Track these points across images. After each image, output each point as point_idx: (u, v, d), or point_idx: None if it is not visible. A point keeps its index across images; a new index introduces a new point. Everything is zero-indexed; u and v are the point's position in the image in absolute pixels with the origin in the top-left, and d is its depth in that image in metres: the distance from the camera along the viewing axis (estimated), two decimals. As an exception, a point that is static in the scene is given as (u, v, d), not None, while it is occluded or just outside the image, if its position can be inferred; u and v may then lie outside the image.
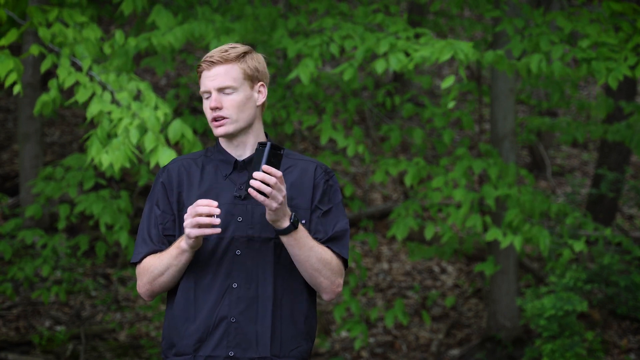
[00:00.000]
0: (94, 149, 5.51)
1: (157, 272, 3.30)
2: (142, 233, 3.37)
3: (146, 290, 3.36)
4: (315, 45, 6.75)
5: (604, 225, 9.31)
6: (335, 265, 3.33)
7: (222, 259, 3.30)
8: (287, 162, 3.39)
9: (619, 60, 6.62)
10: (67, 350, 8.23)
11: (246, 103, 3.35)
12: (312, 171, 3.38)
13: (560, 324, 7.36)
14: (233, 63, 3.33)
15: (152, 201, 3.39)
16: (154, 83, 12.42)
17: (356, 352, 9.01)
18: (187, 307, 3.32)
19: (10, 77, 5.51)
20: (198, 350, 3.30)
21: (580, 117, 12.36)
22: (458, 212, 7.29)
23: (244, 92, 3.34)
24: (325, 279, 3.31)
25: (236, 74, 3.33)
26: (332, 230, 3.35)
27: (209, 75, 3.33)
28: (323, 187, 3.38)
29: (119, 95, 5.68)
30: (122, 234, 6.98)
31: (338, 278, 3.34)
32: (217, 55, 3.33)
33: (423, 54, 6.28)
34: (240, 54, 3.34)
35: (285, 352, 3.33)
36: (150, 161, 5.45)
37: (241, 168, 3.36)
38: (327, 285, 3.32)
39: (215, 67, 3.33)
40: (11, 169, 10.60)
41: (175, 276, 3.30)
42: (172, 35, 6.36)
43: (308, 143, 11.69)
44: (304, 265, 3.27)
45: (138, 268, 3.36)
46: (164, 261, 3.28)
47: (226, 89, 3.33)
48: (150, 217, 3.37)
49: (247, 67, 3.34)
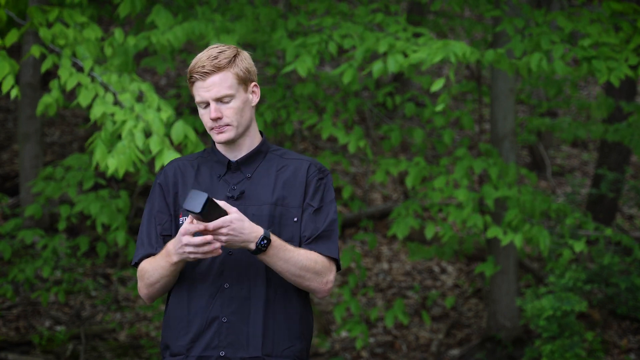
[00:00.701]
0: (98, 152, 5.50)
1: (153, 279, 3.33)
2: (141, 235, 3.41)
3: (145, 294, 3.40)
4: (314, 43, 6.74)
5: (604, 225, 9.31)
6: (321, 266, 3.33)
7: (215, 259, 3.31)
8: (281, 162, 3.40)
9: (620, 60, 6.62)
10: (67, 350, 8.23)
11: (244, 107, 3.37)
12: (304, 169, 3.39)
13: (560, 324, 7.36)
14: (226, 70, 3.32)
15: (151, 203, 3.42)
16: (154, 83, 12.41)
17: (356, 352, 9.00)
18: (180, 308, 3.35)
19: (7, 81, 5.50)
20: (190, 350, 3.32)
21: (580, 117, 12.36)
22: (460, 212, 7.28)
23: (241, 97, 3.35)
24: (311, 281, 3.32)
25: (231, 81, 3.33)
26: (320, 229, 3.36)
27: (203, 85, 3.32)
28: (315, 184, 3.39)
29: (122, 96, 5.68)
30: (120, 234, 6.98)
31: (326, 277, 3.34)
32: (208, 65, 3.31)
33: (420, 56, 6.27)
34: (231, 59, 3.34)
35: (277, 351, 3.33)
36: (156, 164, 5.44)
37: (235, 169, 3.38)
38: (315, 286, 3.34)
39: (209, 77, 3.32)
40: (11, 169, 10.60)
41: (171, 282, 3.34)
42: (172, 33, 6.35)
43: (308, 143, 11.68)
44: (284, 275, 3.29)
45: (138, 271, 3.40)
46: (157, 271, 3.31)
47: (224, 98, 3.33)
48: (150, 219, 3.40)
49: (240, 70, 3.35)
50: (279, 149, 3.46)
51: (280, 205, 3.33)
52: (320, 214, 3.37)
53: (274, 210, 3.33)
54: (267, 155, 3.42)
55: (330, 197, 3.41)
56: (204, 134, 8.97)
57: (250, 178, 3.37)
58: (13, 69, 5.53)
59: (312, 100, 8.30)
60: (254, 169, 3.38)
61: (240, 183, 3.36)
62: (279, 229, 3.33)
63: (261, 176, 3.37)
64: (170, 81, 12.73)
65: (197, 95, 3.34)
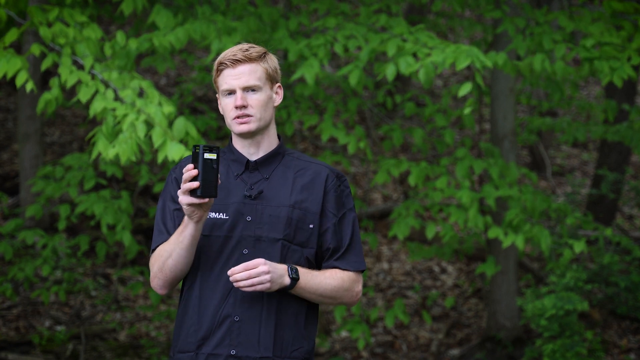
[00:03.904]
0: (100, 145, 5.49)
1: (166, 254, 3.29)
2: (158, 225, 3.38)
3: (158, 280, 3.33)
4: (320, 45, 6.70)
5: (604, 226, 9.31)
6: (349, 282, 3.38)
7: (229, 257, 3.30)
8: (299, 165, 3.40)
9: (622, 60, 6.61)
10: (67, 350, 8.23)
11: (268, 102, 3.36)
12: (324, 176, 3.39)
13: (561, 324, 7.36)
14: (256, 62, 3.34)
15: (166, 197, 3.40)
16: (154, 82, 12.41)
17: (356, 352, 9.00)
18: (192, 305, 3.33)
19: (20, 76, 5.51)
20: (200, 348, 3.31)
21: (580, 117, 12.36)
22: (462, 213, 7.26)
23: (266, 92, 3.36)
24: (343, 299, 3.38)
25: (260, 74, 3.34)
26: (345, 243, 3.38)
27: (233, 73, 3.32)
28: (335, 192, 3.39)
29: (122, 92, 5.67)
30: (125, 234, 6.97)
31: (355, 289, 3.40)
32: (240, 54, 3.32)
33: (434, 60, 6.19)
34: (262, 54, 3.36)
35: (287, 352, 3.33)
36: (159, 156, 5.43)
37: (252, 168, 3.37)
38: (347, 300, 3.40)
39: (240, 66, 3.32)
40: (11, 169, 10.59)
41: (183, 256, 3.28)
42: (173, 35, 6.34)
43: (308, 143, 11.68)
44: (320, 301, 3.35)
45: (151, 258, 3.36)
46: (171, 242, 3.27)
47: (251, 88, 3.33)
48: (165, 211, 3.38)
49: (269, 66, 3.36)
50: (294, 152, 3.46)
51: (298, 209, 3.33)
52: (342, 225, 3.38)
53: (292, 212, 3.33)
54: (284, 157, 3.41)
55: (350, 205, 3.41)
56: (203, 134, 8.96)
57: (268, 179, 3.36)
58: (24, 64, 5.54)
59: (312, 100, 8.29)
60: (271, 170, 3.37)
61: (258, 183, 3.35)
62: (294, 232, 3.33)
63: (278, 178, 3.36)
64: (170, 81, 12.73)
65: (224, 83, 3.33)
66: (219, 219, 3.31)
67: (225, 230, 3.31)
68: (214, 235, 3.31)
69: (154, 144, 5.45)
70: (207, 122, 7.87)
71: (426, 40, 6.48)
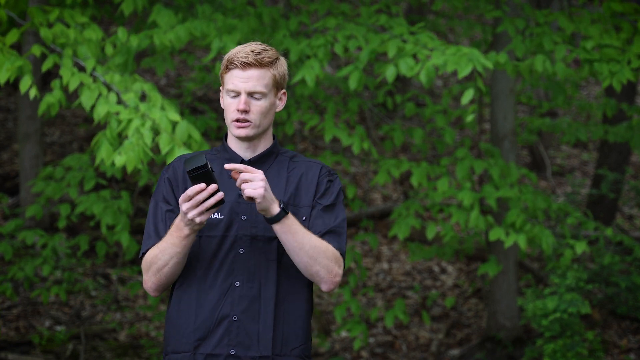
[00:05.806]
0: (103, 150, 5.49)
1: (162, 262, 3.28)
2: (149, 228, 3.38)
3: (152, 284, 3.34)
4: (320, 45, 6.69)
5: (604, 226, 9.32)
6: (332, 254, 3.32)
7: (225, 257, 3.31)
8: (292, 165, 3.41)
9: (622, 62, 6.60)
10: (67, 350, 8.23)
11: (270, 110, 3.37)
12: (316, 171, 3.40)
13: (562, 324, 7.36)
14: (267, 68, 3.32)
15: (158, 197, 3.39)
16: (154, 83, 12.41)
17: (356, 352, 9.01)
18: (188, 305, 3.33)
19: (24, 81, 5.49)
20: (198, 348, 3.31)
21: (580, 118, 12.36)
22: (463, 214, 7.25)
23: (270, 99, 3.35)
24: (321, 267, 3.29)
25: (268, 81, 3.33)
26: (330, 225, 3.35)
27: (241, 75, 3.31)
28: (325, 185, 3.39)
29: (125, 96, 5.67)
30: (124, 235, 6.97)
31: (335, 267, 3.32)
32: (251, 57, 3.30)
33: (435, 62, 6.17)
34: (273, 60, 3.34)
35: (286, 351, 3.34)
36: (167, 162, 5.41)
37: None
38: (324, 274, 3.30)
39: (249, 70, 3.31)
40: (11, 169, 10.59)
41: (181, 263, 3.29)
42: (174, 33, 6.34)
43: (308, 143, 11.68)
44: (298, 253, 3.26)
45: (143, 262, 3.36)
46: (167, 251, 3.26)
47: (256, 94, 3.32)
48: (157, 212, 3.38)
49: (277, 73, 3.36)
50: (288, 151, 3.46)
51: (292, 205, 3.33)
52: (329, 212, 3.37)
53: None
54: (278, 157, 3.42)
55: (339, 199, 3.41)
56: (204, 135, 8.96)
57: None
58: (27, 67, 5.52)
59: (312, 100, 8.29)
60: (265, 169, 3.38)
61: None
62: None
63: (272, 176, 3.37)
64: (170, 81, 12.73)
65: (231, 83, 3.32)
66: (214, 219, 3.31)
67: (221, 230, 3.31)
68: (210, 236, 3.31)
69: (161, 151, 5.43)
70: (207, 123, 7.87)
71: (426, 41, 6.47)
